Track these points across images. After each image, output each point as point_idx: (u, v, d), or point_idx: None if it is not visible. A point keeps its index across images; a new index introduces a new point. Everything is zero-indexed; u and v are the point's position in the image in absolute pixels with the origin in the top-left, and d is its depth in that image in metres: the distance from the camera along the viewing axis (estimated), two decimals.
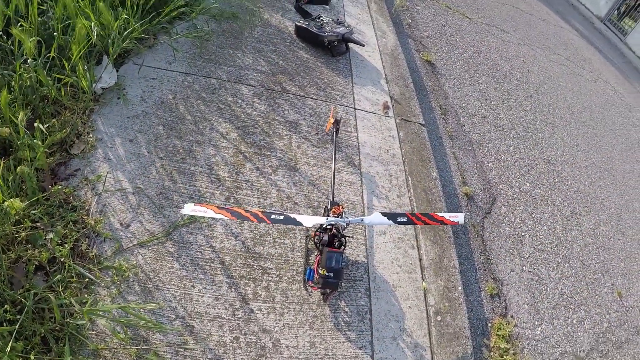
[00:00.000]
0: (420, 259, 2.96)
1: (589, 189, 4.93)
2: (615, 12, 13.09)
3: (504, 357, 2.91)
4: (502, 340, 2.97)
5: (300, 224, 2.25)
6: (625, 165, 5.90)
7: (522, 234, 3.85)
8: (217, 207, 2.21)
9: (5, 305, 1.89)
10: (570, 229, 4.21)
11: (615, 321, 3.60)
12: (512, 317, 3.18)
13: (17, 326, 1.84)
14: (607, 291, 3.82)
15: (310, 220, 2.28)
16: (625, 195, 5.25)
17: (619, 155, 6.07)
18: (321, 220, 2.31)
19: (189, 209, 2.17)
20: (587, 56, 9.03)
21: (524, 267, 3.56)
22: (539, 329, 3.21)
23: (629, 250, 4.44)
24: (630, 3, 12.82)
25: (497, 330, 3.03)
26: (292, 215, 2.26)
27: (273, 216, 2.23)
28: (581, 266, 3.89)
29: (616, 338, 3.47)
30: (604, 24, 12.94)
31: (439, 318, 2.71)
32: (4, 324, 1.86)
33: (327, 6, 5.05)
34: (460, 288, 2.92)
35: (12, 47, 2.66)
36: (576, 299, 3.57)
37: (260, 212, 2.23)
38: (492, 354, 2.91)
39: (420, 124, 4.02)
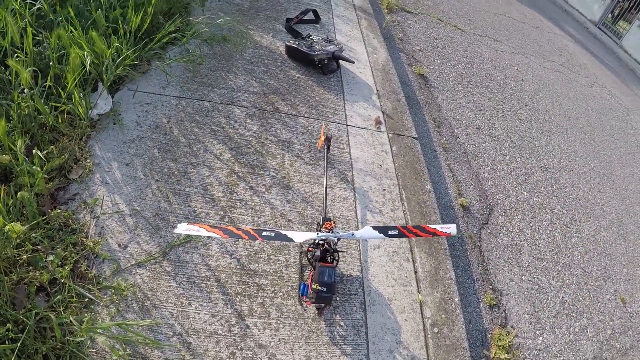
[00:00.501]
0: (415, 272, 2.98)
1: (588, 195, 4.93)
2: (609, 15, 13.17)
3: None
4: (502, 351, 2.97)
5: (291, 240, 2.28)
6: (625, 170, 5.90)
7: (521, 243, 3.85)
8: (210, 225, 2.25)
9: (8, 325, 1.93)
10: (570, 236, 4.21)
11: (619, 328, 3.57)
12: (512, 327, 3.18)
13: (19, 345, 1.88)
14: (609, 297, 3.79)
15: (301, 236, 2.31)
16: (625, 199, 5.24)
17: (618, 159, 6.06)
18: (312, 235, 2.34)
19: (182, 228, 2.21)
20: (582, 61, 9.07)
21: (523, 277, 3.56)
22: (540, 338, 3.20)
23: (632, 255, 4.42)
24: (624, 5, 12.89)
25: (497, 341, 3.02)
26: (284, 232, 2.29)
27: (264, 233, 2.27)
28: (582, 273, 3.88)
29: (620, 345, 3.45)
30: (599, 28, 13.02)
31: (435, 330, 2.72)
32: (7, 342, 1.90)
33: (317, 25, 5.13)
34: (457, 299, 2.93)
35: (9, 77, 2.73)
36: (578, 306, 3.56)
37: (252, 229, 2.27)
38: None
39: (413, 138, 4.06)
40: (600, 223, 4.61)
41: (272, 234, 2.27)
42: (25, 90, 2.66)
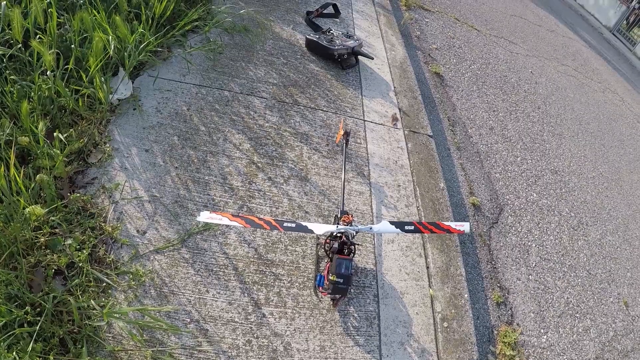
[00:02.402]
0: (427, 267, 3.01)
1: (595, 199, 4.95)
2: (624, 22, 13.12)
3: None
4: (507, 348, 3.01)
5: (311, 231, 2.31)
6: (633, 176, 5.91)
7: (529, 243, 3.88)
8: (232, 214, 2.28)
9: (26, 307, 1.94)
10: (577, 239, 4.24)
11: (621, 330, 3.61)
12: (518, 325, 3.22)
13: (37, 328, 1.89)
14: (613, 300, 3.83)
15: (321, 228, 2.35)
16: (632, 205, 5.25)
17: (627, 166, 6.07)
18: (331, 228, 2.38)
19: (205, 216, 2.24)
20: (595, 67, 9.04)
21: (530, 276, 3.59)
22: (545, 337, 3.24)
23: (636, 260, 4.44)
24: (639, 13, 12.83)
25: (503, 338, 3.06)
26: (304, 223, 2.32)
27: (285, 224, 2.30)
28: (587, 275, 3.91)
29: (622, 347, 3.48)
30: (613, 34, 12.98)
31: (445, 324, 2.75)
32: (25, 325, 1.91)
33: (337, 19, 5.13)
34: (466, 295, 2.97)
35: (30, 58, 2.73)
36: (582, 307, 3.59)
37: (273, 220, 2.30)
38: None
39: (428, 136, 4.08)
40: (607, 227, 4.63)
41: (293, 225, 2.31)
42: (48, 73, 2.66)
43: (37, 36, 2.77)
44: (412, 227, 2.46)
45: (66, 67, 2.82)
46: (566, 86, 7.22)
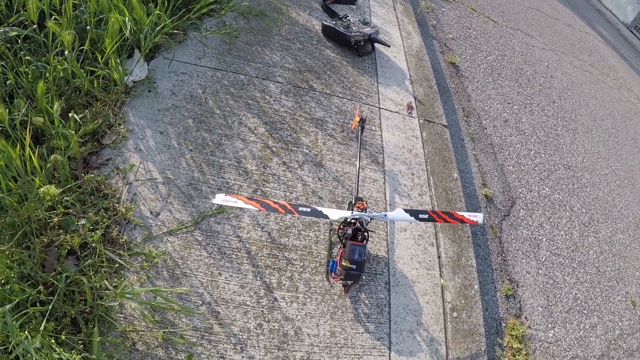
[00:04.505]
0: (439, 257, 3.02)
1: (607, 196, 4.91)
2: None
3: (517, 356, 2.95)
4: (515, 340, 3.01)
5: (326, 216, 2.32)
6: None
7: (540, 237, 3.87)
8: (247, 197, 2.28)
9: (39, 287, 1.96)
10: (587, 235, 4.21)
11: (627, 329, 3.59)
12: (526, 318, 3.21)
13: (49, 307, 1.91)
14: (620, 299, 3.81)
15: (336, 214, 2.36)
16: None
17: None
18: (346, 214, 2.39)
19: (220, 199, 2.25)
20: (611, 63, 8.93)
21: (539, 270, 3.58)
22: (552, 331, 3.23)
23: None
24: None
25: (511, 330, 3.07)
26: (319, 208, 2.33)
27: (300, 208, 2.31)
28: (596, 272, 3.89)
29: (627, 346, 3.47)
30: (630, 30, 12.79)
31: (455, 314, 2.76)
32: (37, 304, 1.93)
33: (353, 6, 5.09)
34: (476, 286, 2.97)
35: (45, 39, 2.73)
36: (590, 304, 3.58)
37: (288, 204, 2.31)
38: (504, 352, 2.95)
39: (443, 125, 4.06)
40: (617, 225, 4.60)
41: (308, 209, 2.31)
42: (65, 53, 2.65)
43: (53, 17, 2.76)
44: (427, 216, 2.46)
45: (81, 48, 2.81)
46: (582, 81, 7.14)
